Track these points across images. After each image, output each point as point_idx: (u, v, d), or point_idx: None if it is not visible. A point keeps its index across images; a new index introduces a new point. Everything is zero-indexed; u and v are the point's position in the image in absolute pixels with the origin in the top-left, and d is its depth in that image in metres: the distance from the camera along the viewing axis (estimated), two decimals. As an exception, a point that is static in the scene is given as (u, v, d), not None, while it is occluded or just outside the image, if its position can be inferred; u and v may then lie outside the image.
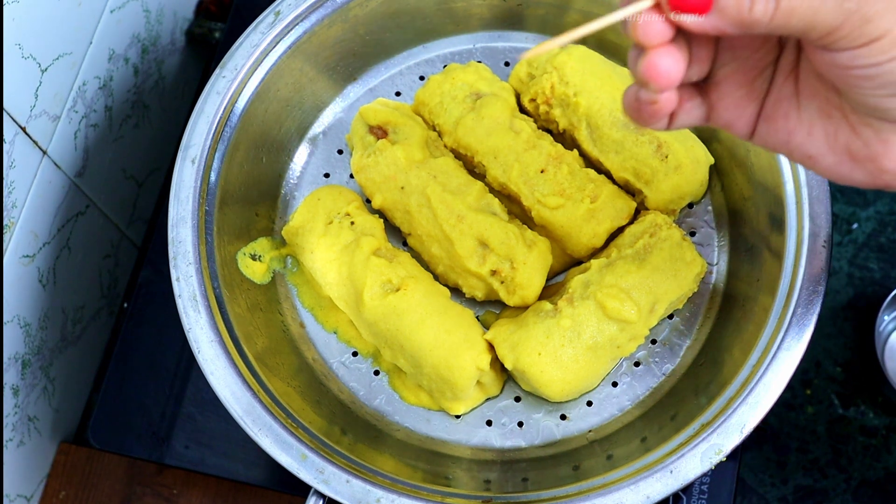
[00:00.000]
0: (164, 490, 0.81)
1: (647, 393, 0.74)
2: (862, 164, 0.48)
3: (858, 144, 0.47)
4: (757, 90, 0.50)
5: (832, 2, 0.42)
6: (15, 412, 0.79)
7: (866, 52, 0.43)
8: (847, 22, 0.42)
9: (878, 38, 0.43)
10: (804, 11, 0.43)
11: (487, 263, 0.72)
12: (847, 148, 0.48)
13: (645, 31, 0.44)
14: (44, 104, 0.75)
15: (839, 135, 0.48)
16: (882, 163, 0.47)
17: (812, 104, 0.49)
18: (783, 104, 0.49)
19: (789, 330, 0.67)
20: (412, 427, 0.75)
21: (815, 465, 0.82)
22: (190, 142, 0.73)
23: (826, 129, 0.48)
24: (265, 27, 0.76)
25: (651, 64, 0.44)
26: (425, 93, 0.79)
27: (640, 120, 0.49)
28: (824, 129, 0.48)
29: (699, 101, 0.51)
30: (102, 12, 0.81)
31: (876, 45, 0.43)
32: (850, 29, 0.42)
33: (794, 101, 0.49)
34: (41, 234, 0.78)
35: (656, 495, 0.64)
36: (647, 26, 0.44)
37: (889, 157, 0.47)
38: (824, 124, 0.48)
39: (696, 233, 0.78)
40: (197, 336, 0.69)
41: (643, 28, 0.44)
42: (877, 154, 0.47)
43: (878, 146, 0.47)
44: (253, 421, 0.67)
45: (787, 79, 0.49)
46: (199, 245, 0.71)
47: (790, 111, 0.49)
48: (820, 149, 0.49)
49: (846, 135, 0.48)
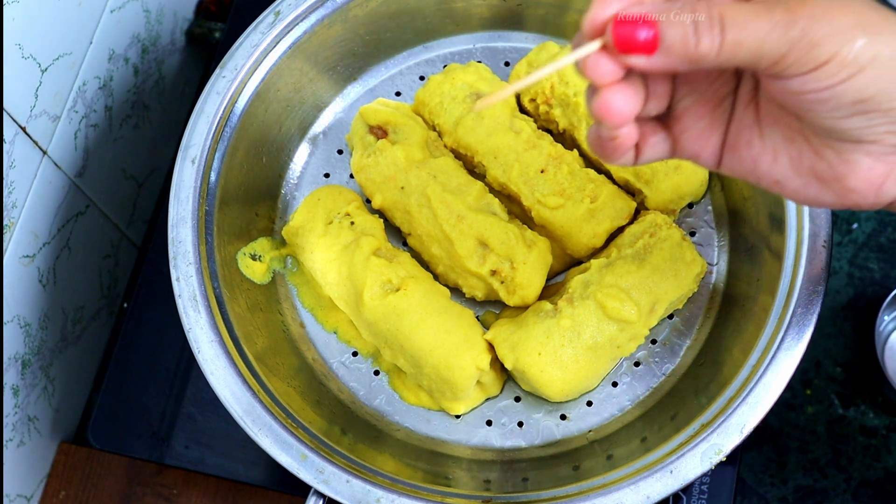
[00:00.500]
0: (164, 490, 0.81)
1: (647, 393, 0.74)
2: (828, 185, 0.48)
3: (823, 166, 0.48)
4: (718, 121, 0.51)
5: (777, 31, 0.43)
6: (15, 412, 0.79)
7: (816, 76, 0.43)
8: (793, 49, 0.43)
9: (826, 61, 0.43)
10: (750, 43, 0.43)
11: (487, 263, 0.72)
12: (812, 170, 0.48)
13: (594, 70, 0.45)
14: (44, 104, 0.75)
15: (803, 158, 0.48)
16: (848, 182, 0.47)
17: (774, 130, 0.49)
18: (745, 132, 0.50)
19: (789, 330, 0.66)
20: (412, 427, 0.74)
21: (815, 465, 0.82)
22: (190, 142, 0.73)
23: (790, 154, 0.49)
24: (265, 27, 0.75)
25: (603, 102, 0.45)
26: (425, 93, 0.79)
27: (605, 156, 0.50)
28: (788, 154, 0.49)
29: (663, 136, 0.51)
30: (102, 12, 0.81)
31: (825, 69, 0.43)
32: (798, 56, 0.43)
33: (757, 129, 0.50)
34: (41, 234, 0.78)
35: (656, 495, 0.64)
36: (596, 66, 0.44)
37: (854, 177, 0.47)
38: (788, 149, 0.49)
39: (696, 233, 0.78)
40: (197, 336, 0.69)
41: (592, 68, 0.45)
42: (842, 174, 0.47)
43: (841, 167, 0.47)
44: (253, 421, 0.67)
45: (748, 107, 0.50)
46: (199, 245, 0.71)
47: (753, 139, 0.50)
48: (786, 174, 0.49)
49: (810, 158, 0.48)
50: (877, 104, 0.44)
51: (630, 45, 0.44)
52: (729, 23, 0.43)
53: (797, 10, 0.43)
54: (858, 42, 0.43)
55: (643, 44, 0.43)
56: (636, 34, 0.43)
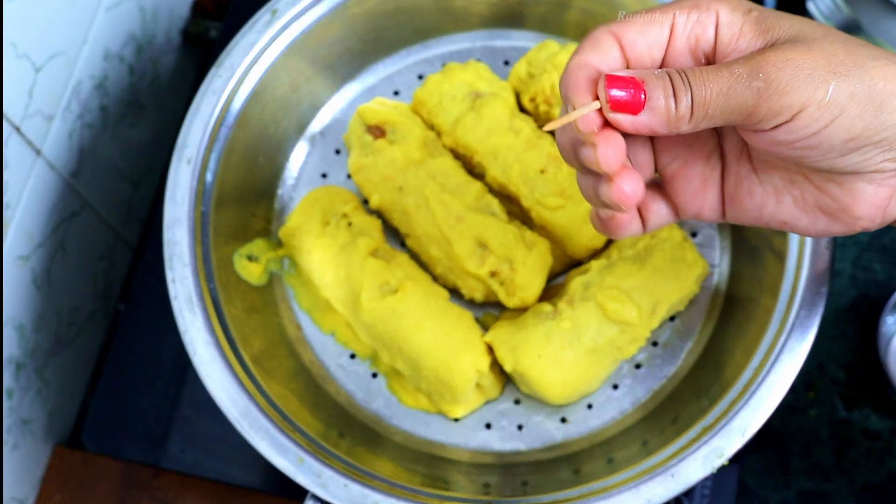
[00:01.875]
0: (159, 494, 0.81)
1: (649, 396, 0.74)
2: (836, 217, 0.49)
3: (827, 201, 0.49)
4: (710, 178, 0.52)
5: (739, 83, 0.43)
6: (9, 415, 0.78)
7: (797, 126, 0.44)
8: (762, 100, 0.43)
9: (802, 109, 0.43)
10: (715, 99, 0.44)
11: (487, 265, 0.72)
12: (818, 206, 0.49)
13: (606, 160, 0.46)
14: (38, 104, 0.74)
15: (806, 196, 0.49)
16: (855, 212, 0.48)
17: (773, 176, 0.50)
18: (744, 184, 0.51)
19: (792, 332, 0.66)
20: (411, 430, 0.74)
21: (818, 468, 0.81)
22: (186, 142, 0.73)
23: (793, 195, 0.50)
24: (262, 26, 0.75)
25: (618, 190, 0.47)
26: (424, 92, 0.78)
27: (613, 234, 0.52)
28: (791, 195, 0.50)
29: (663, 202, 0.53)
30: (97, 11, 0.80)
31: (804, 115, 0.43)
32: (769, 106, 0.43)
33: (755, 177, 0.50)
34: (35, 234, 0.78)
35: (657, 499, 0.64)
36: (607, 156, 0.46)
37: (859, 205, 0.48)
38: (790, 190, 0.50)
39: (697, 234, 0.78)
40: (193, 338, 0.68)
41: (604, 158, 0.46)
42: (847, 205, 0.48)
43: (846, 198, 0.48)
44: (249, 424, 0.67)
45: (741, 160, 0.51)
46: (195, 246, 0.71)
47: (753, 188, 0.51)
48: (793, 214, 0.50)
49: (813, 195, 0.49)
50: (867, 139, 0.44)
51: (620, 102, 0.45)
52: (694, 83, 0.44)
53: (758, 61, 0.44)
54: (832, 84, 0.43)
55: (632, 101, 0.45)
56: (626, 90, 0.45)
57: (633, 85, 0.45)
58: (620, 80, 0.45)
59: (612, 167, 0.46)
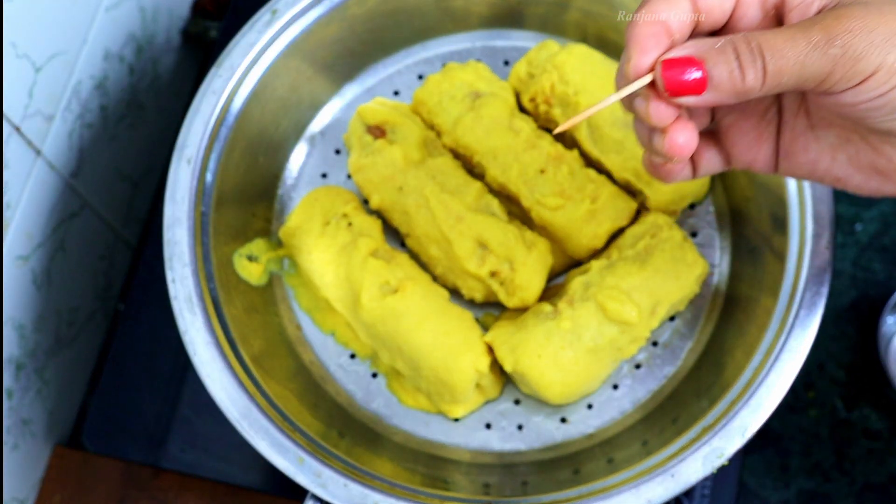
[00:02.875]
0: (159, 494, 0.81)
1: (648, 396, 0.74)
2: (890, 177, 0.49)
3: (882, 162, 0.49)
4: (766, 132, 0.52)
5: (816, 53, 0.44)
6: (9, 415, 0.78)
7: (865, 88, 0.44)
8: (837, 67, 0.44)
9: (873, 73, 0.44)
10: (791, 68, 0.44)
11: (487, 265, 0.72)
12: (872, 166, 0.49)
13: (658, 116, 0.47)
14: (38, 104, 0.74)
15: (861, 156, 0.50)
16: None
17: (829, 133, 0.50)
18: (800, 139, 0.51)
19: (792, 332, 0.66)
20: (410, 430, 0.74)
21: (818, 468, 0.81)
22: (186, 142, 0.73)
23: (848, 153, 0.50)
24: (262, 26, 0.75)
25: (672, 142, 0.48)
26: (424, 92, 0.78)
27: (664, 179, 0.53)
28: (846, 153, 0.50)
29: (715, 151, 0.54)
30: (97, 11, 0.80)
31: (873, 79, 0.44)
32: (843, 72, 0.44)
33: (811, 135, 0.51)
34: (35, 234, 0.78)
35: (657, 499, 0.64)
36: (658, 113, 0.46)
37: None
38: (845, 148, 0.50)
39: (697, 234, 0.78)
40: (193, 338, 0.68)
41: (655, 115, 0.46)
42: None
43: None
44: (249, 424, 0.66)
45: (798, 116, 0.51)
46: (195, 246, 0.71)
47: (809, 144, 0.51)
48: (846, 171, 0.51)
49: (868, 154, 0.49)
50: None
51: (680, 87, 0.45)
52: (768, 53, 0.44)
53: (834, 27, 0.44)
54: None
55: (692, 84, 0.45)
56: (685, 76, 0.45)
57: (693, 64, 0.45)
58: (678, 63, 0.45)
59: (663, 122, 0.47)
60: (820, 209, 0.69)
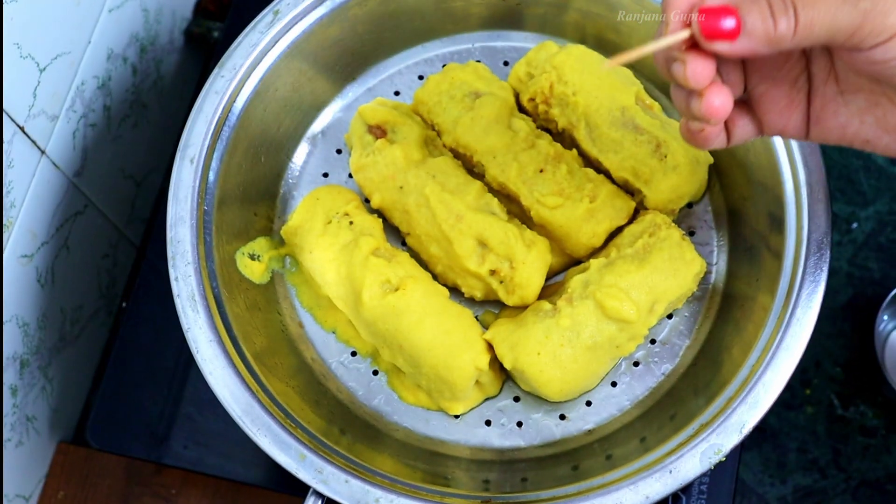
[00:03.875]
0: (162, 490, 0.81)
1: (647, 393, 0.74)
2: None
3: None
4: (797, 99, 0.54)
5: (847, 6, 0.45)
6: (13, 412, 0.79)
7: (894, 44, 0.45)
8: (867, 20, 0.45)
9: None
10: (822, 19, 0.45)
11: (486, 263, 0.72)
12: None
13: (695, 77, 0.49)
14: (42, 104, 0.74)
15: (889, 117, 0.51)
16: None
17: (858, 97, 0.52)
18: (830, 105, 0.53)
19: (788, 330, 0.67)
20: (411, 427, 0.74)
21: (814, 465, 0.82)
22: (188, 141, 0.73)
23: (876, 116, 0.52)
24: (264, 26, 0.75)
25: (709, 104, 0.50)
26: (424, 92, 0.79)
27: (699, 145, 0.55)
28: (874, 116, 0.52)
29: (748, 118, 0.56)
30: (101, 12, 0.81)
31: None
32: (872, 26, 0.45)
33: (840, 100, 0.53)
34: (39, 233, 0.78)
35: (655, 495, 0.64)
36: (696, 73, 0.48)
37: None
38: (874, 111, 0.52)
39: (695, 232, 0.78)
40: (195, 336, 0.69)
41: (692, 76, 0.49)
42: None
43: None
44: (251, 421, 0.67)
45: (827, 82, 0.53)
46: (198, 245, 0.71)
47: (839, 109, 0.53)
48: (875, 133, 0.52)
49: None
50: None
51: (715, 32, 0.47)
52: (800, 4, 0.46)
53: None
54: None
55: (727, 31, 0.47)
56: (721, 22, 0.47)
57: (728, 12, 0.47)
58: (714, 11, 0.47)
59: (700, 83, 0.48)
60: (816, 208, 0.69)
